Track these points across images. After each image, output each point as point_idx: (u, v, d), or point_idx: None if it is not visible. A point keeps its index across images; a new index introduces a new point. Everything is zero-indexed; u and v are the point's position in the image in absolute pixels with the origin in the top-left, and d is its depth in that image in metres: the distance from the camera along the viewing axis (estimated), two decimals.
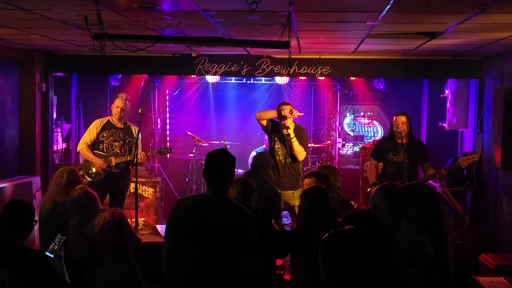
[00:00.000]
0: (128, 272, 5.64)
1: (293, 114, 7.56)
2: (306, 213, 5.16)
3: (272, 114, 7.80)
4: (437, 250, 3.88)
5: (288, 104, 7.76)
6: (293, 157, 7.74)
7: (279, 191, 7.42)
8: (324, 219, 4.97)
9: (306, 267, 4.82)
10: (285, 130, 7.69)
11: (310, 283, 4.71)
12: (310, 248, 4.74)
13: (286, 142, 7.71)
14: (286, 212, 7.91)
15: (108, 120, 8.07)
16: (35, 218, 4.53)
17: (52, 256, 4.91)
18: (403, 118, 7.73)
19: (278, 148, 7.81)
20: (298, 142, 7.67)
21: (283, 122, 7.64)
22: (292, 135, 7.59)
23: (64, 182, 5.97)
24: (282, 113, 7.62)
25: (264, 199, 6.06)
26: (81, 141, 8.09)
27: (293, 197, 7.71)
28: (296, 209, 7.18)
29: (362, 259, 2.68)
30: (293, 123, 7.71)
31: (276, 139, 7.83)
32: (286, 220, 9.02)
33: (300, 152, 7.69)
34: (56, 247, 5.04)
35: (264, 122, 7.86)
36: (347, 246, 2.71)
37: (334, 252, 2.71)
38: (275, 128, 7.86)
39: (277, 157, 7.78)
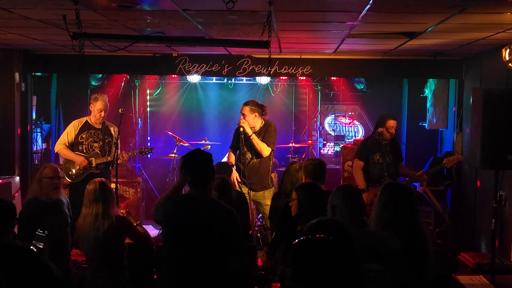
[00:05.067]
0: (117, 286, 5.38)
1: (240, 122, 7.62)
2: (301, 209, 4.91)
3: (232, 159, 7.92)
4: (410, 247, 3.90)
5: (247, 104, 7.79)
6: (258, 154, 7.70)
7: (249, 192, 7.56)
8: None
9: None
10: (241, 129, 7.64)
11: None
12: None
13: (246, 140, 7.66)
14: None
15: (86, 120, 8.01)
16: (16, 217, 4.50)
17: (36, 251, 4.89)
18: (393, 123, 7.81)
19: (246, 151, 7.75)
20: (264, 138, 7.65)
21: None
22: (250, 132, 7.55)
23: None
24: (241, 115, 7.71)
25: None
26: (59, 142, 8.02)
27: (263, 197, 7.76)
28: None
29: (329, 267, 2.70)
30: (261, 121, 7.73)
31: (242, 146, 7.78)
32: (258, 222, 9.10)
33: (262, 148, 7.62)
34: (38, 244, 5.01)
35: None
36: (316, 253, 2.73)
37: (303, 258, 2.73)
38: (239, 138, 7.81)
39: (245, 161, 7.73)
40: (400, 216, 4.11)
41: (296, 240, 2.78)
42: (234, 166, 7.81)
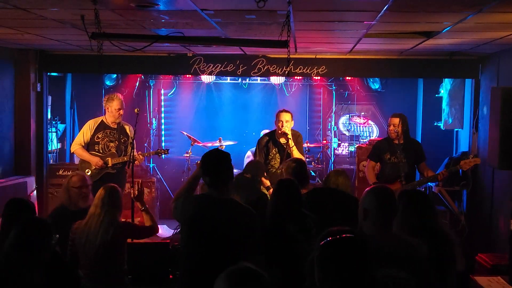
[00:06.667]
0: None
1: (282, 129, 7.44)
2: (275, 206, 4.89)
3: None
4: (435, 254, 3.87)
5: (287, 111, 7.64)
6: None
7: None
8: (295, 213, 4.78)
9: (280, 270, 4.51)
10: (283, 139, 7.56)
11: None
12: (283, 248, 4.64)
13: (283, 151, 7.56)
14: None
15: (102, 120, 8.01)
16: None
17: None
18: (395, 120, 7.77)
19: (275, 163, 7.62)
20: (297, 148, 7.57)
21: (280, 130, 7.51)
22: (292, 144, 7.40)
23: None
24: (279, 121, 7.56)
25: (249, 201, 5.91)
26: (75, 142, 8.03)
27: None
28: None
29: (360, 267, 2.69)
30: (290, 130, 7.57)
31: (273, 153, 7.67)
32: None
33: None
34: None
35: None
36: (346, 253, 2.71)
37: (332, 260, 2.72)
38: (269, 147, 7.70)
39: (272, 170, 7.59)
40: (420, 222, 4.10)
41: (323, 242, 2.77)
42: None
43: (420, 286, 3.50)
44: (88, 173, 7.79)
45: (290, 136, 7.41)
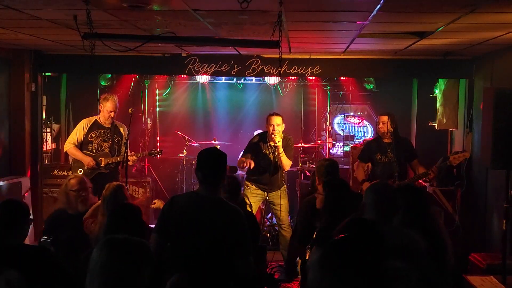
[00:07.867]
0: None
1: (273, 138, 7.56)
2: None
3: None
4: (430, 246, 3.89)
5: (279, 115, 7.75)
6: (279, 168, 7.75)
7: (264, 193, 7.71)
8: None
9: None
10: (272, 142, 7.64)
11: None
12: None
13: (272, 155, 7.67)
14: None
15: (96, 120, 8.00)
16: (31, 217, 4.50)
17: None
18: (383, 118, 7.80)
19: (264, 164, 7.80)
20: (286, 151, 7.65)
21: (271, 133, 7.64)
22: (281, 150, 7.55)
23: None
24: (270, 125, 7.63)
25: None
26: (68, 141, 8.02)
27: (278, 196, 7.88)
28: None
29: (359, 265, 2.70)
30: (282, 134, 7.68)
31: (262, 155, 7.82)
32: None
33: (286, 165, 7.71)
34: None
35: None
36: (347, 253, 2.73)
37: (336, 260, 2.73)
38: (259, 148, 7.86)
39: (260, 169, 7.81)
40: (416, 217, 4.12)
41: (332, 241, 2.78)
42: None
43: (421, 279, 3.52)
44: (81, 173, 7.79)
45: (280, 145, 7.50)
